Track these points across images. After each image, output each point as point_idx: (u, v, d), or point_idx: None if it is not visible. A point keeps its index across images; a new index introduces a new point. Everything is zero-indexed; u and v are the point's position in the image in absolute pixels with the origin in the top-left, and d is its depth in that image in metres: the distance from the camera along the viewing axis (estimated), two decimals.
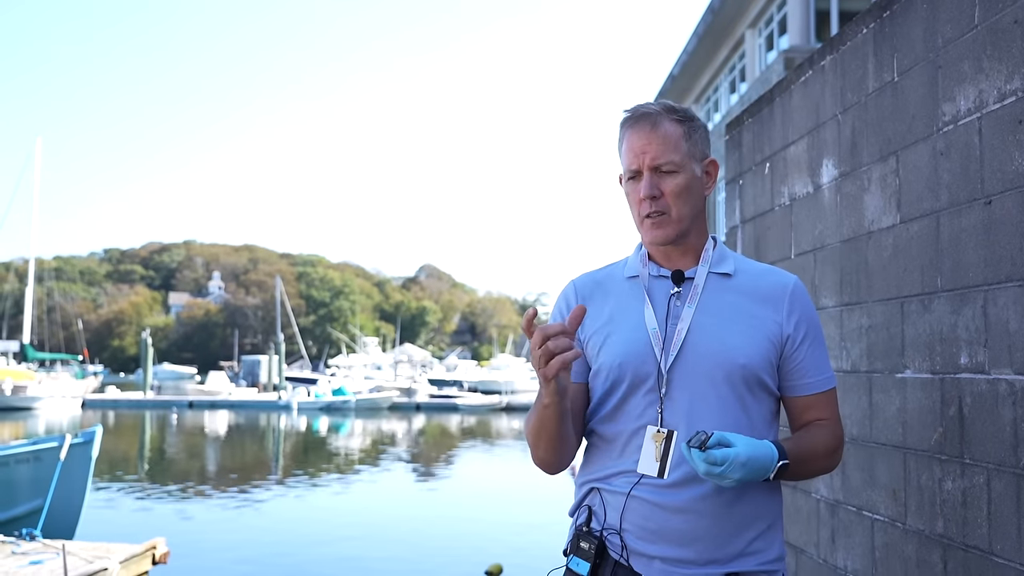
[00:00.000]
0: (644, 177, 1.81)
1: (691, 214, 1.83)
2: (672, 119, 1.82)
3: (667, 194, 1.80)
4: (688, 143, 1.82)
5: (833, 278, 3.13)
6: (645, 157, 1.80)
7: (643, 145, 1.80)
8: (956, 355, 2.37)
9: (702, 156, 1.85)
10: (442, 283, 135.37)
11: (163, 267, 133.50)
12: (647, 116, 1.82)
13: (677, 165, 1.80)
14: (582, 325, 1.88)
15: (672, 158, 1.80)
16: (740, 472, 1.61)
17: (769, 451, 1.67)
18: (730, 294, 1.82)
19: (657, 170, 1.80)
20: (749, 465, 1.63)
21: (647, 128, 1.81)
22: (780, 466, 1.69)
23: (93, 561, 7.17)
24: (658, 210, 1.80)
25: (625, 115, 1.87)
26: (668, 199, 1.80)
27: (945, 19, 2.45)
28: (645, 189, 1.80)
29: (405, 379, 53.07)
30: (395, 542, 11.93)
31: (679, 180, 1.80)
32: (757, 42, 21.47)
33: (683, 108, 1.86)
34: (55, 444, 9.27)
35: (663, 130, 1.80)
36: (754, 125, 3.95)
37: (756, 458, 1.64)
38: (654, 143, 1.80)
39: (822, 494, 3.21)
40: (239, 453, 24.81)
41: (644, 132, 1.81)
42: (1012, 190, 2.15)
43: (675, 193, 1.80)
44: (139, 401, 43.66)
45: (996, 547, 2.18)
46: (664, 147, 1.80)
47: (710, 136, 13.18)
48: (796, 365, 1.83)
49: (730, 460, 1.60)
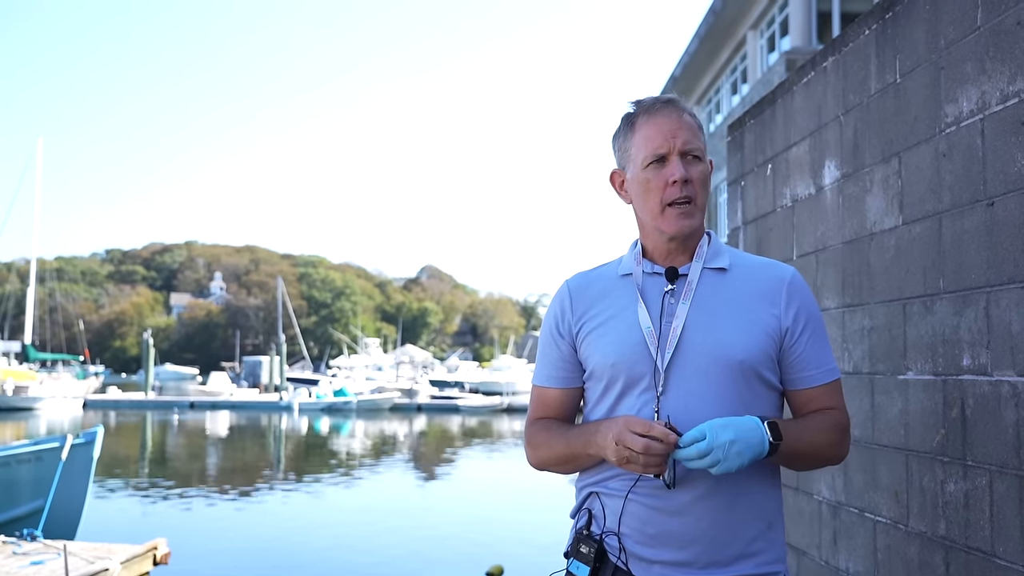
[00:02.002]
0: (674, 161, 1.76)
1: (706, 204, 1.83)
2: (688, 111, 1.83)
3: (694, 181, 1.78)
4: (703, 135, 1.84)
5: (835, 279, 3.13)
6: (676, 140, 1.77)
7: (673, 129, 1.77)
8: (958, 357, 2.37)
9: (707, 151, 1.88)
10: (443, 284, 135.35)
11: (165, 268, 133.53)
12: (673, 102, 1.81)
13: (702, 153, 1.81)
14: (576, 324, 1.87)
15: (699, 145, 1.80)
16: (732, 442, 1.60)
17: (749, 421, 1.65)
18: (726, 289, 1.80)
19: (686, 155, 1.78)
20: (731, 427, 1.62)
21: (675, 114, 1.79)
22: (770, 429, 1.65)
23: (94, 562, 7.17)
24: (687, 196, 1.77)
25: (643, 102, 1.83)
26: (696, 186, 1.78)
27: (947, 20, 2.45)
28: (679, 171, 1.75)
29: (406, 380, 53.06)
30: (396, 543, 11.92)
31: (704, 168, 1.81)
32: (759, 43, 21.47)
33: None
34: (56, 444, 9.26)
35: (686, 118, 1.80)
36: (756, 126, 3.95)
37: (734, 422, 1.63)
38: (684, 128, 1.78)
39: (824, 496, 3.20)
40: (240, 454, 24.81)
41: (674, 117, 1.79)
42: (1015, 191, 2.15)
43: (701, 181, 1.79)
44: (140, 402, 43.68)
45: (998, 549, 2.18)
46: (693, 133, 1.79)
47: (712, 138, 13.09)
48: (796, 358, 1.80)
49: (715, 446, 1.60)
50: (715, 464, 1.61)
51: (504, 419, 36.79)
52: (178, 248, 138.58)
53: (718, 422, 1.63)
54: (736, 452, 1.61)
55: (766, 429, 1.66)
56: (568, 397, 1.92)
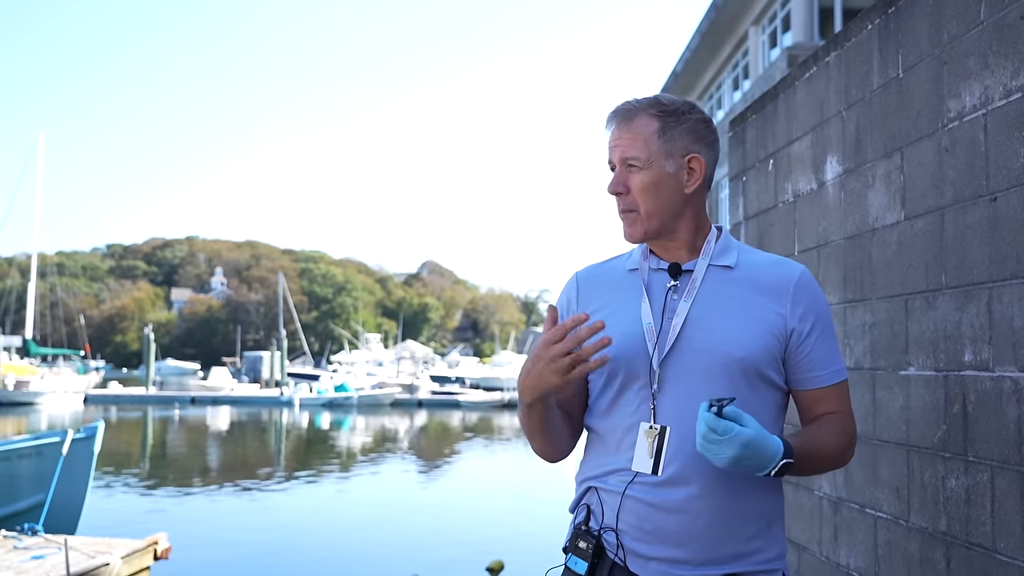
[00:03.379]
0: (614, 174, 1.80)
1: (662, 211, 1.77)
2: (651, 113, 1.78)
3: (633, 190, 1.77)
4: (663, 139, 1.77)
5: (837, 275, 3.12)
6: (616, 151, 1.79)
7: (615, 139, 1.80)
8: (960, 352, 2.36)
9: (684, 152, 1.78)
10: (444, 280, 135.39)
11: (166, 263, 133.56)
12: (621, 111, 1.81)
13: (643, 162, 1.76)
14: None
15: (637, 153, 1.76)
16: (735, 450, 1.56)
17: (775, 445, 1.62)
18: (731, 287, 1.78)
19: (626, 164, 1.78)
20: (749, 448, 1.57)
21: (620, 123, 1.80)
22: (783, 464, 1.63)
23: (95, 556, 7.18)
24: (626, 207, 1.79)
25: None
26: (635, 195, 1.77)
27: (950, 15, 2.44)
28: (611, 184, 1.80)
29: (407, 376, 53.06)
30: (397, 538, 11.94)
31: (644, 176, 1.76)
32: (760, 39, 21.44)
33: (673, 100, 1.81)
34: (57, 439, 9.28)
35: (635, 124, 1.78)
36: (758, 122, 3.94)
37: (759, 444, 1.59)
38: (623, 138, 1.78)
39: (825, 491, 3.20)
40: (241, 449, 24.84)
41: (616, 127, 1.81)
42: (1017, 187, 2.14)
43: (640, 189, 1.77)
44: (141, 397, 43.72)
45: (999, 545, 2.18)
46: (632, 142, 1.77)
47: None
48: (803, 358, 1.78)
49: (732, 434, 1.56)
50: (714, 448, 1.58)
51: (504, 415, 36.83)
52: (179, 243, 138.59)
53: (746, 434, 1.58)
54: (729, 455, 1.58)
55: (776, 467, 1.63)
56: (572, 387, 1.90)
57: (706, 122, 1.84)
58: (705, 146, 1.81)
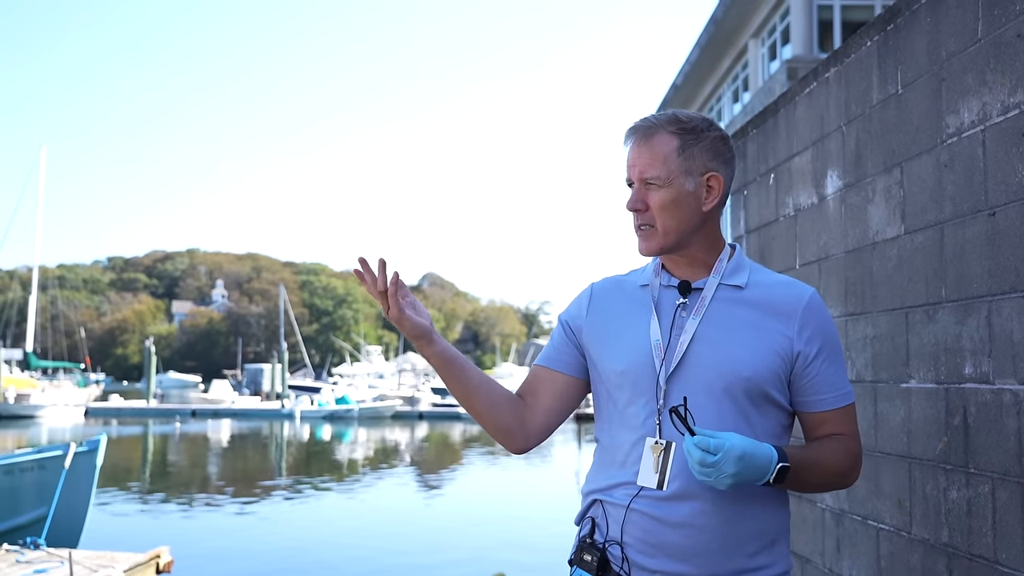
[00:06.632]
0: (632, 190, 1.82)
1: (680, 228, 1.80)
2: (670, 131, 1.80)
3: (652, 207, 1.79)
4: (682, 157, 1.78)
5: (838, 288, 3.15)
6: (634, 170, 1.81)
7: (633, 158, 1.82)
8: (960, 365, 2.38)
9: (703, 170, 1.79)
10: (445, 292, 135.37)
11: (166, 275, 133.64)
12: (640, 129, 1.83)
13: (663, 180, 1.78)
14: (587, 325, 1.91)
15: (657, 172, 1.78)
16: (735, 466, 1.59)
17: (767, 451, 1.65)
18: (740, 307, 1.79)
19: (644, 183, 1.80)
20: (745, 459, 1.60)
21: (638, 140, 1.82)
22: (779, 468, 1.65)
23: (97, 570, 7.18)
24: (644, 223, 1.81)
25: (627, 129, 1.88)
26: (654, 212, 1.79)
27: (949, 32, 2.47)
28: (629, 201, 1.82)
29: (408, 388, 53.00)
30: (398, 550, 11.92)
31: (663, 194, 1.78)
32: (760, 51, 21.52)
33: (692, 118, 1.82)
34: (60, 453, 9.28)
35: (654, 142, 1.80)
36: (758, 136, 3.97)
37: (752, 453, 1.61)
38: (643, 156, 1.80)
39: (827, 503, 3.22)
40: (242, 461, 24.80)
41: (635, 145, 1.82)
42: (1016, 202, 2.16)
43: (659, 206, 1.78)
44: (142, 409, 43.67)
45: (1001, 556, 2.19)
46: (652, 160, 1.79)
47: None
48: (809, 381, 1.79)
49: (724, 450, 1.58)
50: (714, 473, 1.61)
51: None
52: (180, 256, 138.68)
53: (737, 447, 1.61)
54: (732, 473, 1.60)
55: (773, 472, 1.65)
56: (549, 377, 1.92)
57: (724, 139, 1.84)
58: (723, 163, 1.82)
